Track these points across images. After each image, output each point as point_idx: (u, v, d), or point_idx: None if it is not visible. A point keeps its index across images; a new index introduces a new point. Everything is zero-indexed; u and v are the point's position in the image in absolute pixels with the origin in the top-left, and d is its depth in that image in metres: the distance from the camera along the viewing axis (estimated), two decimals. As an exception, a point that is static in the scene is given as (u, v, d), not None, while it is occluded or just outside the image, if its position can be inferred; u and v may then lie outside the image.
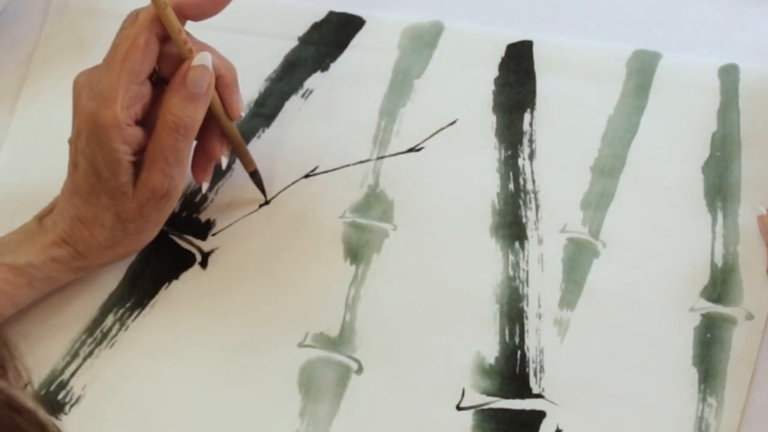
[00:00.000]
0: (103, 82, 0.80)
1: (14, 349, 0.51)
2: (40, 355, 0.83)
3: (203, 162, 0.86)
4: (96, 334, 0.84)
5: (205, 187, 0.86)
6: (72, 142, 0.83)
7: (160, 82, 0.83)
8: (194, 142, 0.84)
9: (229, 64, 0.85)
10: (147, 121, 0.82)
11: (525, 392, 0.80)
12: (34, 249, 0.82)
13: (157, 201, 0.82)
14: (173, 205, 0.84)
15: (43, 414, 0.50)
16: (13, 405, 0.49)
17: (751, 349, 0.81)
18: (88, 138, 0.80)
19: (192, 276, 0.86)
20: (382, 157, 0.89)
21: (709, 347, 0.81)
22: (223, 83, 0.84)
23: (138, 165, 0.82)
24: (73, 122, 0.82)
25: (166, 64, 0.83)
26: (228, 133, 0.85)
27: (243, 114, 0.86)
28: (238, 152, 0.87)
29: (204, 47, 0.83)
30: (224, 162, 0.86)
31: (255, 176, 0.88)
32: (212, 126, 0.85)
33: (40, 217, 0.84)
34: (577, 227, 0.85)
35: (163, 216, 0.84)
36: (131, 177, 0.81)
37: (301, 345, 0.83)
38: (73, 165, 0.82)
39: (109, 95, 0.80)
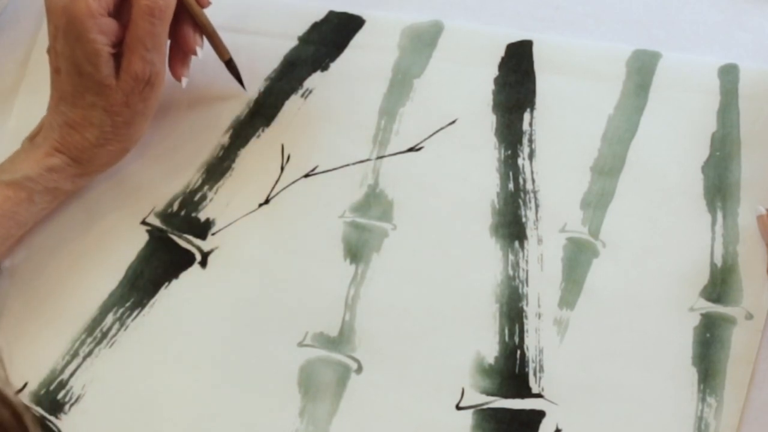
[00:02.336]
0: None
1: None
2: (40, 354, 0.83)
3: (180, 57, 0.88)
4: (96, 333, 0.84)
5: (184, 82, 0.89)
6: (50, 48, 0.85)
7: None
8: (168, 41, 0.86)
9: None
10: (120, 17, 0.84)
11: (524, 392, 0.80)
12: (29, 163, 0.84)
13: (142, 89, 0.84)
14: (158, 94, 0.85)
15: (12, 395, 0.50)
16: None
17: (750, 349, 0.81)
18: (66, 35, 0.83)
19: (192, 275, 0.86)
20: (382, 157, 0.89)
21: (709, 347, 0.81)
22: None
23: (118, 58, 0.84)
24: (49, 27, 0.84)
25: None
26: (200, 21, 0.88)
27: (212, 0, 0.88)
28: (212, 41, 0.89)
29: None
30: (200, 53, 0.88)
31: (230, 65, 0.90)
32: (184, 18, 0.87)
33: (30, 138, 0.86)
34: (576, 227, 0.85)
35: (149, 107, 0.85)
36: (113, 70, 0.83)
37: (300, 344, 0.83)
38: (55, 71, 0.84)
39: None
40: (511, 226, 0.86)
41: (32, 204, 0.84)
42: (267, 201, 0.88)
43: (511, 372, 0.81)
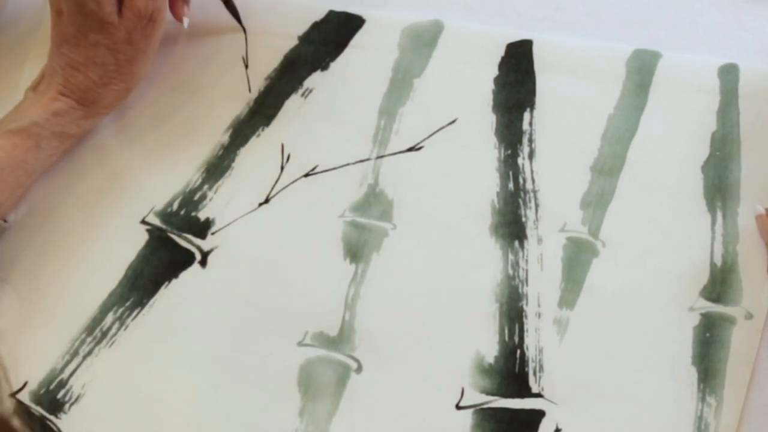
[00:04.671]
0: None
1: None
2: (40, 353, 0.83)
3: None
4: (96, 333, 0.84)
5: (186, 22, 0.90)
6: None
7: None
8: None
9: None
10: None
11: (524, 391, 0.80)
12: (35, 110, 0.86)
13: (144, 26, 0.85)
14: (160, 31, 0.87)
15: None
16: None
17: (750, 349, 0.81)
18: None
19: (191, 275, 0.86)
20: (382, 157, 0.89)
21: (709, 347, 0.81)
22: None
23: None
24: None
25: None
26: None
27: None
28: None
29: None
30: None
31: (228, 4, 0.91)
32: None
33: (33, 88, 0.87)
34: (576, 226, 0.85)
35: (151, 44, 0.87)
36: (115, 7, 0.85)
37: (300, 344, 0.83)
38: (56, 14, 0.86)
39: None
40: (511, 226, 0.86)
41: (40, 150, 0.85)
42: (267, 200, 0.88)
43: (511, 372, 0.81)
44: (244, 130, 0.90)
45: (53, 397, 0.82)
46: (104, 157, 0.90)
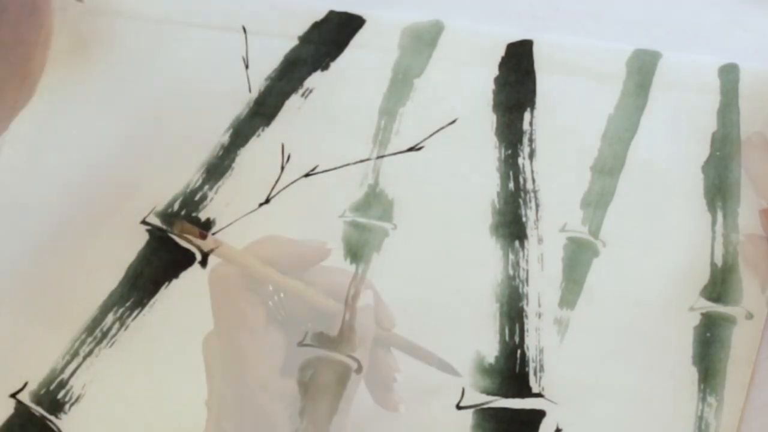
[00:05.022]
0: None
1: None
2: (40, 354, 0.83)
3: None
4: (96, 333, 0.84)
5: None
6: None
7: None
8: None
9: None
10: None
11: (525, 391, 0.80)
12: None
13: (28, 16, 0.80)
14: (49, 19, 0.82)
15: None
16: None
17: (750, 349, 0.81)
18: None
19: (192, 275, 0.86)
20: (382, 156, 0.89)
21: (709, 346, 0.81)
22: None
23: None
24: None
25: None
26: None
27: None
28: None
29: None
30: None
31: None
32: None
33: None
34: (577, 226, 0.85)
35: (41, 35, 0.81)
36: None
37: (300, 344, 0.83)
38: None
39: None
40: (512, 226, 0.86)
41: None
42: (267, 200, 0.88)
43: (512, 371, 0.81)
44: (244, 130, 0.90)
45: (53, 398, 0.82)
46: (104, 158, 0.90)
